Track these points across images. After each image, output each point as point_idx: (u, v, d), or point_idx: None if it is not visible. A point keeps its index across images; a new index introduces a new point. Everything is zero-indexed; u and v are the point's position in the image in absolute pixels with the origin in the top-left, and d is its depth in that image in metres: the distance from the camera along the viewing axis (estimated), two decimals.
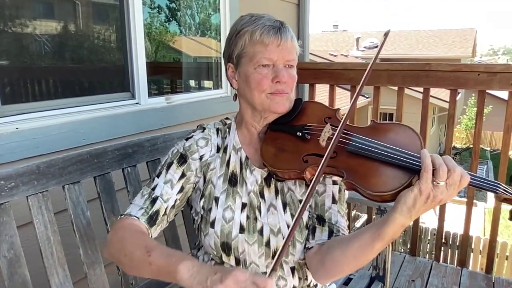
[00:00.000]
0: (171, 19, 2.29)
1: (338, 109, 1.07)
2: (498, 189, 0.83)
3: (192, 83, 2.62)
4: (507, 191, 0.83)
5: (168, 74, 2.44)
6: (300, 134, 1.02)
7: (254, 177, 1.07)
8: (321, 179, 1.05)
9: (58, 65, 1.69)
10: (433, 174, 0.78)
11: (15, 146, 1.35)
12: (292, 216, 1.03)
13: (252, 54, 1.01)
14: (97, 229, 1.22)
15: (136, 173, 1.36)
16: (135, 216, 1.00)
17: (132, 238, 0.93)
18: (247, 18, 1.05)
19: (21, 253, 1.03)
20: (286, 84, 1.02)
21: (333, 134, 0.96)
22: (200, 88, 2.59)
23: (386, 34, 1.02)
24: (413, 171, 0.84)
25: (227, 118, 1.17)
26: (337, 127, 0.95)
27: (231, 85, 1.11)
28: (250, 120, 1.09)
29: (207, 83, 2.59)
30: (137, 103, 1.86)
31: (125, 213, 1.02)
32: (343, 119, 0.94)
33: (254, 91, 1.02)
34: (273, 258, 1.03)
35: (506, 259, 5.55)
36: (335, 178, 1.06)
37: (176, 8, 2.31)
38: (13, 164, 1.25)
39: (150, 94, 1.94)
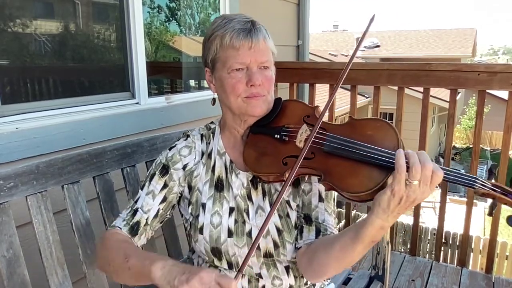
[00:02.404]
0: (171, 19, 2.29)
1: (317, 106, 1.05)
2: (476, 184, 0.82)
3: (192, 83, 2.62)
4: (485, 186, 0.82)
5: (168, 74, 2.44)
6: (278, 136, 1.01)
7: (240, 180, 1.07)
8: (306, 178, 1.04)
9: (58, 65, 1.69)
10: (406, 173, 0.77)
11: (14, 146, 1.35)
12: (280, 217, 1.03)
13: (224, 59, 1.00)
14: (96, 229, 1.22)
15: (135, 173, 1.36)
16: (118, 227, 1.03)
17: (114, 246, 0.97)
18: (218, 21, 1.03)
19: (20, 252, 1.03)
20: (262, 86, 1.00)
21: (310, 135, 0.95)
22: (200, 88, 2.58)
23: (371, 20, 0.99)
24: (388, 169, 0.83)
25: (211, 123, 1.17)
26: (313, 125, 0.93)
27: (211, 89, 1.10)
28: (232, 123, 1.08)
29: (207, 83, 2.58)
30: (137, 103, 1.86)
31: (111, 225, 1.06)
32: (318, 121, 0.91)
33: (230, 96, 1.01)
34: (264, 257, 1.03)
35: (506, 259, 5.55)
36: (313, 178, 1.05)
37: (176, 8, 2.31)
38: (12, 164, 1.25)
39: (150, 94, 1.94)
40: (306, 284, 1.10)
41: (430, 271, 2.49)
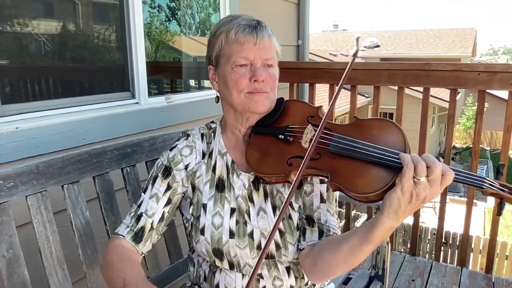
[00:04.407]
0: (171, 18, 2.29)
1: (320, 106, 1.05)
2: (484, 183, 0.82)
3: (192, 82, 2.62)
4: (493, 186, 0.82)
5: (168, 73, 2.43)
6: (283, 137, 1.00)
7: (242, 181, 1.06)
8: (308, 179, 1.04)
9: (58, 65, 1.69)
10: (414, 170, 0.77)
11: (14, 145, 1.35)
12: (283, 218, 1.02)
13: (228, 54, 1.00)
14: (96, 229, 1.22)
15: (135, 173, 1.36)
16: (121, 235, 1.02)
17: (115, 265, 0.96)
18: (224, 19, 1.04)
19: (20, 252, 1.03)
20: (265, 82, 1.00)
21: (315, 135, 0.94)
22: (200, 87, 2.58)
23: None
24: (396, 170, 0.82)
25: (212, 122, 1.16)
26: (318, 126, 0.92)
27: (213, 88, 1.10)
28: (234, 122, 1.08)
29: (207, 83, 2.58)
30: (137, 103, 1.86)
31: (115, 231, 1.05)
32: (322, 121, 0.91)
33: (233, 91, 1.00)
34: (266, 259, 1.02)
35: (506, 259, 5.55)
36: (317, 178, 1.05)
37: (176, 7, 2.30)
38: (12, 164, 1.25)
39: (150, 94, 1.94)
40: (306, 284, 1.10)
41: (430, 271, 2.49)
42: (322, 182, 1.05)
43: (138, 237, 1.02)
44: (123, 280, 0.89)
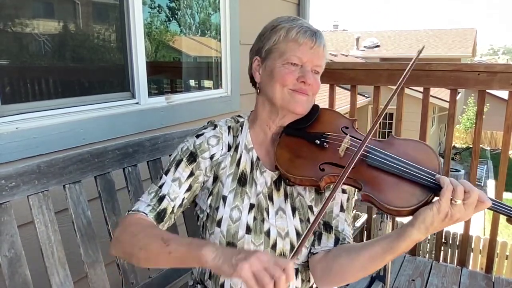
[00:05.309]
0: (171, 18, 2.29)
1: (355, 119, 1.07)
2: None
3: (192, 82, 2.62)
4: None
5: (168, 73, 2.44)
6: (318, 142, 1.02)
7: (264, 178, 1.06)
8: (331, 186, 1.05)
9: (58, 65, 1.69)
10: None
11: (15, 145, 1.35)
12: (301, 221, 1.04)
13: (283, 50, 1.01)
14: (98, 229, 1.23)
15: (137, 173, 1.36)
16: (143, 212, 0.99)
17: (146, 231, 0.93)
18: (285, 17, 1.06)
19: (22, 252, 1.03)
20: (311, 87, 1.02)
21: (351, 145, 0.98)
22: (200, 87, 2.59)
23: (419, 51, 1.01)
24: (431, 190, 0.86)
25: (239, 116, 1.16)
26: (356, 138, 0.97)
27: (252, 79, 1.11)
28: (267, 118, 1.08)
29: (207, 83, 2.59)
30: (137, 103, 1.86)
31: (132, 209, 1.02)
32: (368, 131, 0.93)
33: (276, 84, 1.02)
34: None
35: (506, 259, 5.55)
36: (345, 187, 1.06)
37: (176, 7, 2.31)
38: (13, 164, 1.25)
39: (150, 94, 1.94)
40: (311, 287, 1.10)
41: (430, 271, 2.50)
42: (344, 192, 1.07)
43: (160, 217, 1.00)
44: (161, 238, 0.87)
